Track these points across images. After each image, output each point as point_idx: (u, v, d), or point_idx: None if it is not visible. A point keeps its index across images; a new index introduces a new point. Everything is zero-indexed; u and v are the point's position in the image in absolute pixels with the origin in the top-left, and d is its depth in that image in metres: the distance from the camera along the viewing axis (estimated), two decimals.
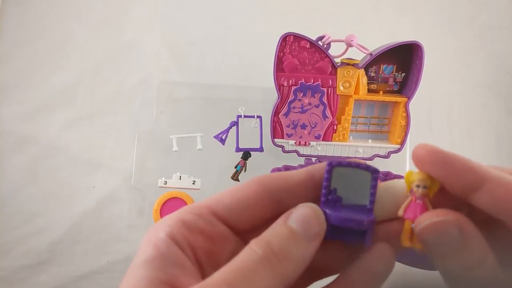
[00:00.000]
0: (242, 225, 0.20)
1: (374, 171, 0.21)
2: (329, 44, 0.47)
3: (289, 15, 0.64)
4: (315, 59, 0.47)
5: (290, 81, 0.47)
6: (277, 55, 0.46)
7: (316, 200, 0.20)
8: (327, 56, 0.47)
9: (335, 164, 0.20)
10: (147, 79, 0.61)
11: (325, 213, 0.19)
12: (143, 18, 0.63)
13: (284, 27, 0.46)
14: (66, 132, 0.60)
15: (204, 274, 0.18)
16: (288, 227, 0.18)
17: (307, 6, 0.65)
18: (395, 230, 0.21)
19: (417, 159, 0.19)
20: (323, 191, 0.20)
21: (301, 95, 0.48)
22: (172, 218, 0.19)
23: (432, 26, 0.66)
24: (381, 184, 0.21)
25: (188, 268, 0.18)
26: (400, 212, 0.20)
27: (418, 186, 0.20)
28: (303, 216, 0.18)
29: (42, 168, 0.59)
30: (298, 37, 0.46)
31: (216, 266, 0.18)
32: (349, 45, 0.47)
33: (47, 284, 0.57)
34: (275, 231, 0.18)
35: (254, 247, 0.17)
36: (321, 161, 0.50)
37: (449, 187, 0.19)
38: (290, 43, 0.46)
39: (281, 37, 0.46)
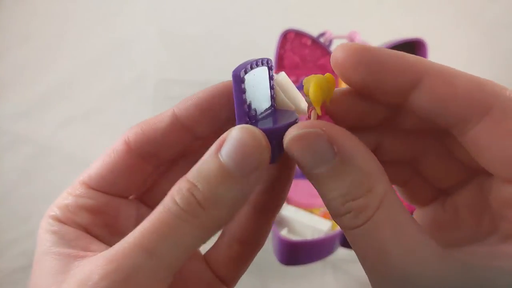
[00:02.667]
0: (121, 187, 0.18)
1: (268, 62, 0.18)
2: (331, 41, 0.46)
3: (290, 11, 0.63)
4: (316, 56, 0.46)
5: (291, 79, 0.46)
6: (278, 52, 0.45)
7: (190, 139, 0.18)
8: (329, 53, 0.46)
9: (241, 69, 0.17)
10: (143, 77, 0.61)
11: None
12: (140, 15, 0.63)
13: (285, 23, 0.45)
14: (61, 131, 0.59)
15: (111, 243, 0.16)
16: (218, 164, 0.14)
17: (309, 2, 0.64)
18: None
19: (336, 64, 0.15)
20: (240, 109, 0.16)
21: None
22: (54, 205, 0.18)
23: (437, 23, 0.65)
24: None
25: (89, 242, 0.17)
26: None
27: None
28: (238, 145, 0.14)
29: (37, 167, 0.58)
30: (299, 34, 0.45)
31: (122, 234, 0.15)
32: (351, 41, 0.46)
33: None
34: (201, 171, 0.14)
35: (171, 204, 0.14)
36: None
37: (381, 92, 0.15)
38: (291, 40, 0.45)
39: (282, 33, 0.45)
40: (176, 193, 0.14)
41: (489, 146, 0.14)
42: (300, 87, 0.17)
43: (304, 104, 0.17)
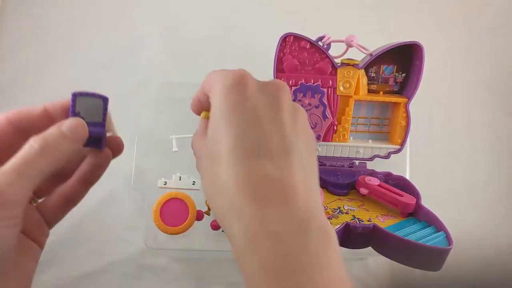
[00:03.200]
0: (4, 145, 0.27)
1: (105, 99, 0.31)
2: (329, 45, 0.47)
3: (289, 16, 0.64)
4: (315, 59, 0.47)
5: (290, 82, 0.47)
6: (277, 55, 0.46)
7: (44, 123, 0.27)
8: (327, 56, 0.47)
9: (77, 94, 0.29)
10: (146, 80, 0.61)
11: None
12: (143, 18, 0.64)
13: (284, 28, 0.46)
14: None
15: None
16: (61, 131, 0.25)
17: (307, 6, 0.65)
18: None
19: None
20: (70, 114, 0.28)
21: (301, 95, 0.48)
22: None
23: (432, 27, 0.66)
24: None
25: None
26: None
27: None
28: (73, 124, 0.26)
29: None
30: (298, 38, 0.46)
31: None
32: (349, 45, 0.47)
33: (47, 285, 0.57)
34: (51, 132, 0.25)
35: (33, 144, 0.24)
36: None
37: None
38: (290, 43, 0.46)
39: (281, 37, 0.46)
40: (34, 141, 0.24)
41: None
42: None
43: (114, 133, 0.32)
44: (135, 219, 0.58)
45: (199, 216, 0.51)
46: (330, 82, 0.47)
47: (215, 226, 0.51)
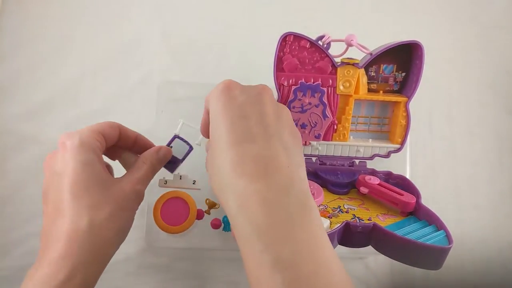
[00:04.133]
0: (112, 142, 0.41)
1: (191, 147, 0.47)
2: (329, 44, 0.47)
3: (289, 15, 0.64)
4: (315, 58, 0.47)
5: (290, 81, 0.47)
6: (277, 54, 0.46)
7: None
8: (327, 55, 0.47)
9: (177, 136, 0.47)
10: (147, 79, 0.62)
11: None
12: (144, 17, 0.64)
13: (284, 27, 0.46)
14: (67, 131, 0.60)
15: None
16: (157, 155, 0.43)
17: (307, 6, 0.65)
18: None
19: None
20: (167, 144, 0.47)
21: (301, 94, 0.48)
22: (86, 138, 0.38)
23: (432, 26, 0.66)
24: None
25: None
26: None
27: None
28: (163, 151, 0.44)
29: (42, 168, 0.59)
30: (298, 37, 0.46)
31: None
32: (349, 44, 0.47)
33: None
34: (153, 156, 0.43)
35: (151, 160, 0.42)
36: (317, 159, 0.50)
37: None
38: (290, 42, 0.46)
39: (281, 36, 0.46)
40: (149, 159, 0.42)
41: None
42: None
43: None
44: (135, 218, 0.58)
45: (200, 215, 0.51)
46: (330, 81, 0.47)
47: (216, 225, 0.51)
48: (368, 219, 0.43)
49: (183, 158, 0.49)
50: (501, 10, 0.66)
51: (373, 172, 0.50)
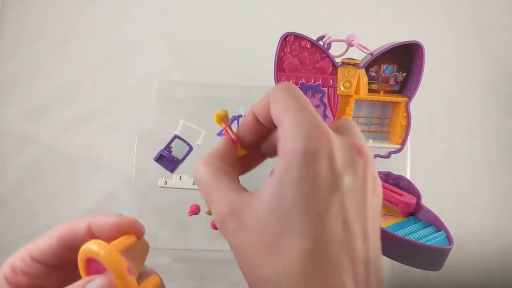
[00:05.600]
0: (54, 263, 0.24)
1: (191, 147, 0.48)
2: (329, 44, 0.47)
3: (289, 15, 0.64)
4: (315, 59, 0.47)
5: (291, 81, 0.47)
6: (278, 54, 0.46)
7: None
8: (328, 56, 0.47)
9: (177, 136, 0.48)
10: (147, 79, 0.61)
11: (162, 151, 0.49)
12: (144, 17, 0.63)
13: (285, 27, 0.46)
14: (66, 132, 0.60)
15: None
16: None
17: (308, 6, 0.65)
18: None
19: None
20: (167, 144, 0.48)
21: None
22: (7, 263, 0.25)
23: (433, 26, 0.66)
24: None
25: None
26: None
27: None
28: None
29: (42, 168, 0.59)
30: (298, 37, 0.46)
31: None
32: (349, 45, 0.47)
33: None
34: None
35: None
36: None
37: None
38: (290, 42, 0.46)
39: (281, 36, 0.46)
40: None
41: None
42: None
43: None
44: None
45: (195, 210, 0.51)
46: (331, 81, 0.47)
47: (216, 226, 0.51)
48: None
49: (183, 158, 0.49)
50: (501, 10, 0.66)
51: None
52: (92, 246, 0.21)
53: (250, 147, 0.26)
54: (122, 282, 0.20)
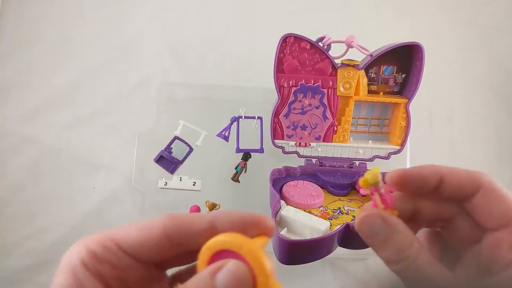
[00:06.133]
0: (147, 259, 0.22)
1: (191, 148, 0.49)
2: (329, 45, 0.47)
3: (289, 16, 0.64)
4: (315, 60, 0.47)
5: (291, 82, 0.47)
6: (278, 56, 0.46)
7: None
8: (328, 57, 0.47)
9: (177, 137, 0.48)
10: (147, 80, 0.61)
11: (163, 152, 0.49)
12: (144, 19, 0.64)
13: (285, 28, 0.46)
14: (66, 132, 0.60)
15: None
16: (212, 286, 0.19)
17: (308, 7, 0.65)
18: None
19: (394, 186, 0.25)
20: (167, 146, 0.48)
21: (301, 96, 0.48)
22: (85, 247, 0.21)
23: (433, 27, 0.66)
24: None
25: None
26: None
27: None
28: (233, 278, 0.19)
29: (43, 168, 0.59)
30: (298, 38, 0.46)
31: None
32: (349, 46, 0.47)
33: (47, 285, 0.57)
34: (198, 287, 0.19)
35: None
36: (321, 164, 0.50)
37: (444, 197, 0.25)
38: (290, 44, 0.46)
39: (281, 38, 0.46)
40: None
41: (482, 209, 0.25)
42: None
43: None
44: (135, 219, 0.58)
45: (196, 211, 0.51)
46: (330, 82, 0.47)
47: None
48: None
49: (183, 159, 0.49)
50: (502, 11, 0.66)
51: None
52: (234, 239, 0.19)
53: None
54: (264, 280, 0.19)
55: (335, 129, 0.49)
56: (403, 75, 0.49)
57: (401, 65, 0.48)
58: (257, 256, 0.19)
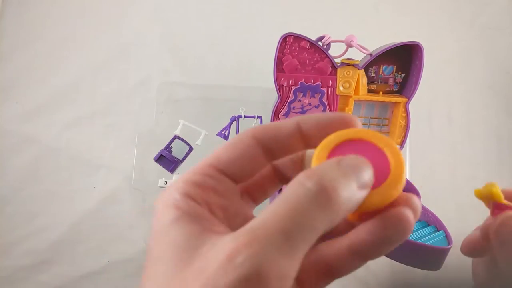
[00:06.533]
0: (241, 176, 0.20)
1: (191, 147, 0.49)
2: (329, 45, 0.47)
3: (289, 16, 0.64)
4: (315, 59, 0.47)
5: (290, 82, 0.47)
6: (277, 55, 0.46)
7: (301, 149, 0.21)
8: (327, 56, 0.47)
9: (177, 136, 0.49)
10: (147, 80, 0.61)
11: (163, 151, 0.49)
12: (144, 18, 0.64)
13: (284, 28, 0.46)
14: (66, 132, 0.60)
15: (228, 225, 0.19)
16: (342, 169, 0.17)
17: (307, 7, 0.65)
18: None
19: None
20: (167, 145, 0.49)
21: (301, 95, 0.48)
22: (181, 180, 0.19)
23: (432, 27, 0.66)
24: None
25: (213, 221, 0.18)
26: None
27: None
28: (357, 163, 0.17)
29: (42, 168, 0.59)
30: (298, 38, 0.46)
31: (229, 219, 0.19)
32: (349, 45, 0.47)
33: (48, 284, 0.57)
34: (328, 169, 0.17)
35: (306, 183, 0.16)
36: None
37: None
38: (290, 43, 0.46)
39: (281, 37, 0.46)
40: (308, 179, 0.16)
41: None
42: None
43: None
44: (135, 219, 0.58)
45: None
46: (330, 82, 0.47)
47: None
48: None
49: (183, 159, 0.49)
50: (501, 11, 0.66)
51: None
52: (362, 131, 0.19)
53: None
54: (399, 172, 0.18)
55: None
56: (403, 75, 0.49)
57: (400, 64, 0.49)
58: (392, 145, 0.19)
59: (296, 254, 0.15)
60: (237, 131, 0.50)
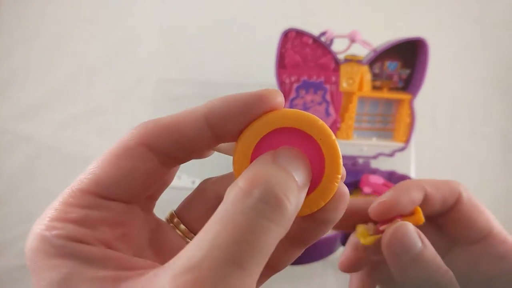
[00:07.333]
0: (132, 196, 0.16)
1: None
2: (332, 40, 0.46)
3: (291, 10, 0.63)
4: (317, 55, 0.46)
5: (292, 78, 0.46)
6: (279, 51, 0.45)
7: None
8: (330, 52, 0.45)
9: None
10: (144, 77, 0.61)
11: None
12: (141, 15, 0.63)
13: (286, 22, 0.45)
14: (62, 131, 0.59)
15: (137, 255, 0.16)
16: (281, 168, 0.14)
17: (309, 1, 0.64)
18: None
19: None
20: None
21: (304, 92, 0.47)
22: (51, 219, 0.15)
23: (438, 23, 0.65)
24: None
25: (122, 259, 0.14)
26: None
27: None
28: (294, 157, 0.15)
29: (38, 167, 0.58)
30: (300, 33, 0.45)
31: (140, 248, 0.16)
32: (352, 41, 0.46)
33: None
34: (270, 170, 0.14)
35: (253, 192, 0.13)
36: None
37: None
38: (292, 39, 0.45)
39: (282, 32, 0.45)
40: (253, 187, 0.13)
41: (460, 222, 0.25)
42: None
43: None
44: None
45: None
46: (333, 78, 0.46)
47: None
48: None
49: None
50: (508, 8, 0.65)
51: (377, 172, 0.49)
52: (296, 114, 0.16)
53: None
54: (337, 163, 0.16)
55: (338, 126, 0.48)
56: (408, 71, 0.48)
57: (405, 60, 0.47)
58: (328, 137, 0.16)
59: (252, 279, 0.13)
60: None
